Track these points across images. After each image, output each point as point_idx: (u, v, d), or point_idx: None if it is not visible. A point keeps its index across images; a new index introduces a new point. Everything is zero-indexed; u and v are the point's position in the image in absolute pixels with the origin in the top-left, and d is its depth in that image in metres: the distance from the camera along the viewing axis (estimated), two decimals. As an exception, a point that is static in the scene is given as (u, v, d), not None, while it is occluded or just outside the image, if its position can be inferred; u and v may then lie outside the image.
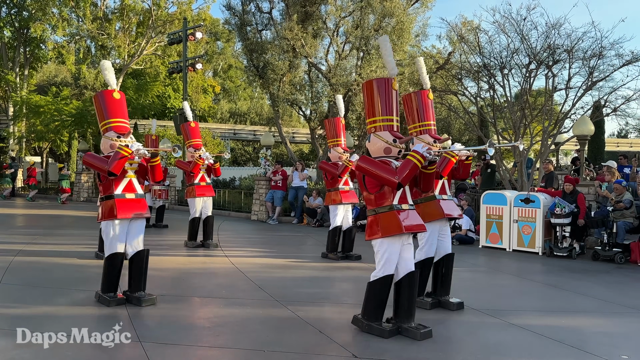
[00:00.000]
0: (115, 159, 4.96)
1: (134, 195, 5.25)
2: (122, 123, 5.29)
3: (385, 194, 4.25)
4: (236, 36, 20.48)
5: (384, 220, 4.23)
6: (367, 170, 4.25)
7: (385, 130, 4.32)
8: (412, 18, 16.28)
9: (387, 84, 4.33)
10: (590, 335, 4.60)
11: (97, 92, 5.52)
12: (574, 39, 10.81)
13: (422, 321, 4.55)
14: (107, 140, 5.22)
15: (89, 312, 4.92)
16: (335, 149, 7.91)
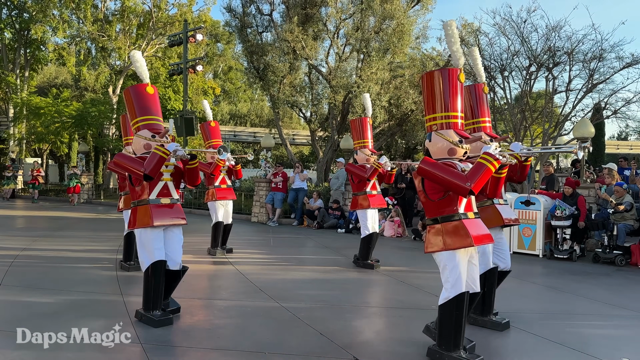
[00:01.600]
0: (152, 160, 4.44)
1: (169, 200, 4.75)
2: (157, 121, 4.82)
3: (449, 201, 3.73)
4: (236, 38, 20.52)
5: (449, 231, 3.70)
6: (431, 175, 3.68)
7: (448, 128, 3.81)
8: (412, 20, 16.31)
9: (452, 76, 3.82)
10: (591, 338, 4.59)
11: (129, 86, 5.16)
12: (574, 42, 10.85)
13: (422, 322, 4.53)
14: (140, 140, 4.73)
15: (89, 312, 4.92)
16: (363, 150, 7.53)
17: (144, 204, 4.61)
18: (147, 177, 4.49)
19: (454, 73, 3.82)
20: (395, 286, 6.66)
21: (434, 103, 3.85)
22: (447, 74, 3.82)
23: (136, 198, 4.69)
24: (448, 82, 3.81)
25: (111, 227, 12.82)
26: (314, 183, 16.47)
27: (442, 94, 3.81)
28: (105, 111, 23.65)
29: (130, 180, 4.71)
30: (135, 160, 4.56)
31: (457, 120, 3.84)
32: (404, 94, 16.21)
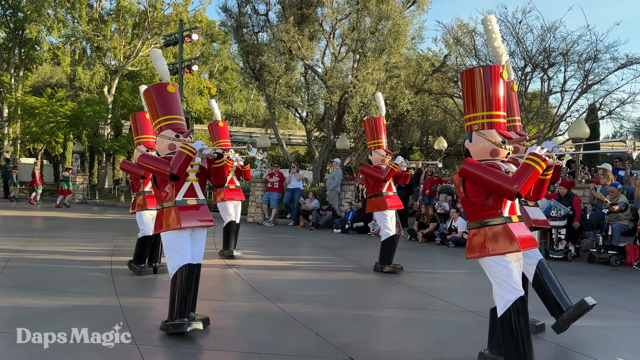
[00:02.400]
0: (179, 160, 4.28)
1: (196, 201, 4.57)
2: (180, 121, 4.66)
3: (493, 204, 3.54)
4: (232, 38, 20.53)
5: (494, 236, 3.51)
6: (475, 176, 3.50)
7: (491, 128, 3.62)
8: (408, 21, 16.34)
9: (495, 73, 3.62)
10: (587, 338, 4.61)
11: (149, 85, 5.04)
12: (569, 42, 10.91)
13: (417, 322, 4.54)
14: (164, 140, 4.56)
15: (84, 314, 4.90)
16: (378, 151, 7.31)
17: (171, 206, 4.44)
18: (173, 177, 4.32)
19: (496, 70, 3.63)
20: (391, 286, 6.67)
21: (474, 101, 3.67)
22: (489, 71, 3.64)
23: (162, 200, 4.52)
24: (490, 80, 3.62)
25: (106, 227, 12.78)
26: (310, 183, 16.48)
27: (483, 92, 3.63)
28: (100, 111, 23.57)
29: (155, 181, 4.56)
30: (161, 160, 4.41)
31: (500, 120, 3.66)
32: (400, 95, 16.24)
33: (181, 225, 4.35)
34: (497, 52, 3.72)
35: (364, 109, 15.69)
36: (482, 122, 3.65)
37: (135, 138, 6.80)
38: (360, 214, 12.41)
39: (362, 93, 15.19)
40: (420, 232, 10.96)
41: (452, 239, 10.29)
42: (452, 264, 8.54)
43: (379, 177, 7.24)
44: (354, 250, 9.66)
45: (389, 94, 16.16)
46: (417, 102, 17.51)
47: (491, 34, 3.72)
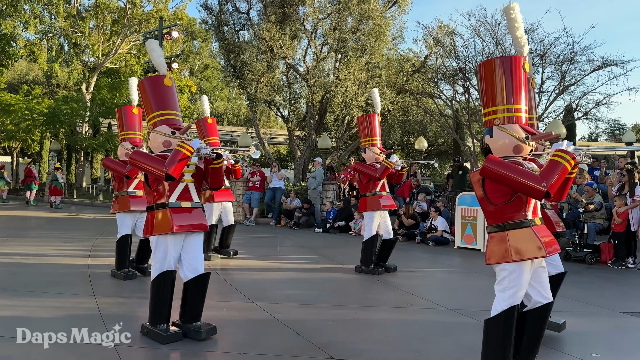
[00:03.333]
0: (175, 159, 3.98)
1: (190, 204, 4.28)
2: (176, 116, 4.38)
3: (517, 205, 3.29)
4: (213, 36, 20.36)
5: (517, 240, 3.27)
6: (499, 175, 3.22)
7: (512, 122, 3.37)
8: (389, 21, 16.42)
9: (516, 64, 3.39)
10: (563, 335, 4.69)
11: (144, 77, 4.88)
12: (546, 44, 11.09)
13: (397, 320, 4.58)
14: (158, 137, 4.28)
15: (61, 314, 4.82)
16: (372, 149, 7.10)
17: (163, 208, 4.16)
18: (168, 178, 4.02)
19: (517, 61, 3.40)
20: (371, 285, 6.70)
21: (494, 94, 3.42)
22: (509, 62, 3.39)
23: (153, 201, 4.23)
24: (511, 71, 3.38)
25: (84, 227, 12.59)
26: (291, 182, 16.46)
27: (504, 85, 3.39)
28: (78, 109, 23.19)
29: (147, 181, 4.26)
30: (155, 158, 4.10)
31: (522, 114, 3.41)
32: (381, 95, 16.30)
33: (174, 229, 4.08)
34: (519, 42, 3.48)
35: (346, 108, 15.73)
36: (502, 116, 3.39)
37: (120, 134, 6.51)
38: (341, 213, 12.44)
39: (344, 92, 15.22)
40: (401, 231, 11.04)
41: (432, 237, 10.38)
42: (432, 263, 8.62)
43: (373, 176, 7.03)
44: (335, 250, 9.68)
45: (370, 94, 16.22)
46: (398, 102, 17.61)
47: (513, 23, 3.47)
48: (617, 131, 41.66)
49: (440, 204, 11.30)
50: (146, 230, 4.28)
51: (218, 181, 4.45)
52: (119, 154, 6.56)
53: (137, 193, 6.45)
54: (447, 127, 14.17)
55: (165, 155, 4.13)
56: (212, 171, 4.38)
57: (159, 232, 4.16)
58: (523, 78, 3.41)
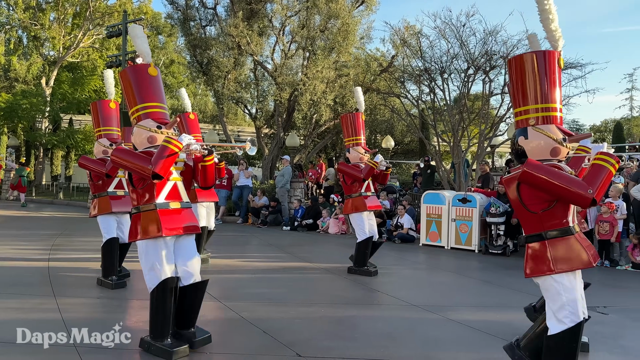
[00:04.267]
0: (161, 156, 3.68)
1: (179, 204, 3.98)
2: (162, 109, 4.05)
3: (557, 213, 3.04)
4: (179, 31, 20.05)
5: (561, 250, 3.02)
6: (541, 181, 2.96)
7: (548, 122, 3.12)
8: (357, 20, 16.52)
9: (551, 60, 3.13)
10: (523, 329, 4.81)
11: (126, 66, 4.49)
12: (509, 46, 11.36)
13: (364, 317, 4.63)
14: (142, 132, 3.93)
15: (25, 315, 4.67)
16: (356, 148, 6.93)
17: (150, 210, 3.82)
18: (155, 176, 3.71)
19: (552, 56, 3.14)
20: (339, 283, 6.75)
21: (526, 92, 3.16)
22: (544, 57, 3.14)
23: (139, 203, 3.89)
24: (546, 67, 3.12)
25: (43, 225, 12.22)
26: (259, 180, 16.38)
27: (538, 82, 3.13)
28: (37, 104, 22.46)
29: (131, 180, 3.89)
30: (140, 156, 3.77)
31: (557, 114, 3.15)
32: (349, 93, 16.41)
33: (163, 233, 3.76)
34: (553, 36, 3.19)
35: (314, 106, 15.75)
36: (537, 116, 3.13)
37: (96, 130, 6.07)
38: (309, 211, 12.47)
39: (312, 91, 15.24)
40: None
41: (398, 235, 10.53)
42: (398, 260, 8.74)
43: (358, 177, 6.85)
44: (302, 248, 9.70)
45: (338, 92, 16.30)
46: (366, 101, 17.67)
47: (547, 15, 3.17)
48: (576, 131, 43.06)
49: (405, 202, 11.47)
50: (132, 234, 3.91)
51: (209, 179, 4.13)
52: (95, 152, 6.12)
53: (118, 193, 6.08)
54: (414, 127, 14.38)
55: (150, 152, 3.83)
56: (203, 169, 4.07)
57: (147, 236, 3.80)
58: (558, 74, 3.17)
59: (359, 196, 6.93)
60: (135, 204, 3.94)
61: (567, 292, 3.03)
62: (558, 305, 3.06)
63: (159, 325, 3.87)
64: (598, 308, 5.60)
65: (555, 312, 3.08)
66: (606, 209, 8.31)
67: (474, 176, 12.73)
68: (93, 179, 6.04)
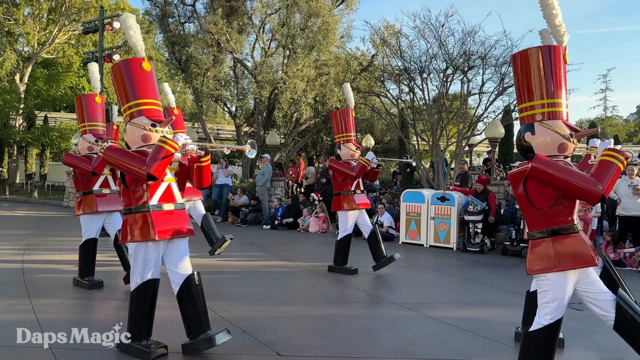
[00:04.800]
0: (156, 156, 3.55)
1: (173, 206, 3.86)
2: (156, 106, 3.90)
3: (563, 209, 3.03)
4: (157, 28, 19.81)
5: (565, 247, 3.02)
6: (550, 177, 2.96)
7: (554, 118, 3.11)
8: (337, 19, 16.54)
9: (556, 55, 3.13)
10: (500, 326, 4.91)
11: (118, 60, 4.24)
12: (487, 47, 11.48)
13: (344, 316, 4.65)
14: (135, 130, 3.79)
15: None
16: (347, 145, 6.85)
17: (143, 211, 3.71)
18: (150, 178, 3.58)
19: (558, 51, 3.13)
20: (318, 281, 6.75)
21: (531, 88, 3.16)
22: (549, 52, 3.13)
23: (131, 204, 3.77)
24: (551, 62, 3.12)
25: (18, 225, 11.96)
26: (239, 179, 16.29)
27: (543, 77, 3.12)
28: (10, 100, 21.97)
29: (123, 180, 3.76)
30: (134, 156, 3.64)
31: (563, 109, 3.15)
32: (329, 92, 16.43)
33: (157, 236, 3.66)
34: (558, 31, 3.17)
35: (294, 105, 15.73)
36: (542, 111, 3.12)
37: (81, 125, 5.87)
38: (289, 210, 12.45)
39: (292, 89, 15.21)
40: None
41: (378, 233, 10.58)
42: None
43: (349, 174, 6.79)
44: (283, 246, 9.68)
45: (319, 91, 16.30)
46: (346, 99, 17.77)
47: (550, 10, 3.13)
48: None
49: (385, 200, 11.54)
50: (124, 236, 3.80)
51: (205, 180, 3.99)
52: (79, 148, 5.91)
53: (104, 192, 5.91)
54: (393, 126, 14.46)
55: (144, 152, 3.70)
56: (199, 170, 3.93)
57: (139, 239, 3.72)
58: (564, 70, 3.16)
59: (348, 194, 6.90)
60: (127, 205, 3.81)
61: (561, 289, 3.05)
62: (547, 299, 3.08)
63: (137, 325, 3.83)
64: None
65: (542, 306, 3.11)
66: (580, 207, 8.47)
67: (452, 175, 12.85)
68: (77, 176, 5.86)
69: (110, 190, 5.99)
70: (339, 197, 6.97)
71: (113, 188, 6.00)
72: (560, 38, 3.17)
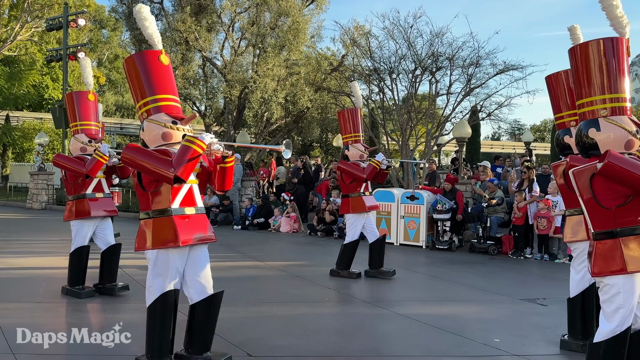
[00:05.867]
0: (184, 158, 3.24)
1: (194, 210, 3.52)
2: (175, 102, 3.60)
3: (632, 209, 2.84)
4: (124, 25, 19.45)
5: (635, 249, 2.82)
6: (625, 174, 2.77)
7: (620, 113, 2.96)
8: (307, 19, 16.57)
9: (620, 47, 2.98)
10: (468, 322, 5.01)
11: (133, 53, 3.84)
12: (454, 48, 11.70)
13: (315, 315, 4.66)
14: (154, 127, 3.44)
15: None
16: (355, 145, 6.58)
17: (165, 216, 3.36)
18: (177, 180, 3.27)
19: (621, 43, 2.99)
20: (290, 281, 6.75)
21: (592, 82, 3.01)
22: (612, 44, 2.97)
23: (150, 208, 3.41)
24: (614, 55, 2.96)
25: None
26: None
27: (606, 70, 2.98)
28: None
29: (140, 182, 3.42)
30: (158, 157, 3.29)
31: (627, 104, 3.02)
32: (300, 92, 16.44)
33: (180, 242, 3.33)
34: (620, 22, 3.01)
35: (265, 104, 15.67)
36: (607, 106, 2.98)
37: (72, 124, 5.54)
38: (260, 210, 12.39)
39: (263, 88, 15.16)
40: (320, 227, 11.20)
41: (349, 233, 10.63)
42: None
43: (360, 176, 6.51)
44: (254, 247, 9.63)
45: (290, 91, 16.29)
46: (317, 99, 17.83)
47: (610, 1, 2.99)
48: (517, 131, 44.94)
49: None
50: (141, 243, 3.43)
51: (228, 182, 3.69)
52: (71, 149, 5.55)
53: (97, 196, 5.51)
54: (364, 126, 14.57)
55: (165, 151, 3.36)
56: (222, 171, 3.62)
57: (161, 246, 3.36)
58: (627, 63, 3.02)
59: (357, 196, 6.61)
60: (145, 209, 3.46)
61: (629, 294, 2.85)
62: (615, 306, 2.88)
63: (156, 343, 3.49)
64: (538, 300, 5.87)
65: (610, 314, 2.90)
66: (543, 205, 8.72)
67: (421, 174, 13.04)
68: (69, 179, 5.47)
69: (104, 194, 5.63)
70: (348, 200, 6.68)
71: (106, 192, 5.69)
72: (622, 29, 3.01)
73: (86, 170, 5.29)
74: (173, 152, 3.36)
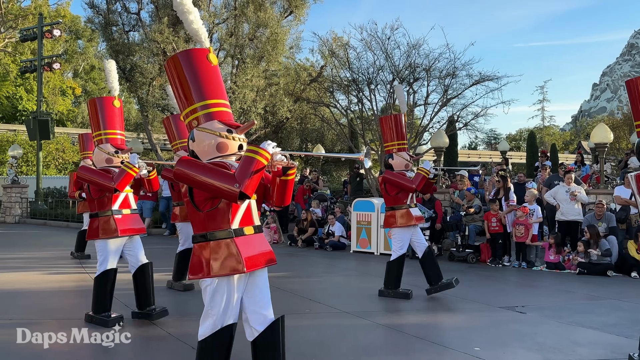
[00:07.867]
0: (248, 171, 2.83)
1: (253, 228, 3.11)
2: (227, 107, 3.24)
3: None
4: (100, 36, 19.24)
5: None
6: None
7: None
8: (285, 30, 16.62)
9: None
10: (448, 331, 5.03)
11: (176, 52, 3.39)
12: (431, 59, 11.88)
13: (296, 327, 4.61)
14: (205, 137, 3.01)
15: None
16: (400, 154, 6.11)
17: (225, 238, 2.92)
18: (243, 196, 2.84)
19: None
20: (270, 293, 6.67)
21: None
22: None
23: (207, 229, 2.95)
24: None
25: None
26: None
27: None
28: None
29: (192, 198, 2.95)
30: (218, 171, 2.84)
31: None
32: (280, 102, 16.43)
33: (245, 268, 2.91)
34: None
35: (244, 115, 15.63)
36: None
37: (96, 134, 5.04)
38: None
39: (242, 99, 15.12)
40: (300, 238, 11.15)
41: (330, 242, 10.61)
42: (329, 267, 8.80)
43: (409, 187, 6.03)
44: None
45: (269, 101, 16.28)
46: (296, 110, 17.85)
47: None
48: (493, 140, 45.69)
49: (338, 209, 11.61)
50: (196, 270, 2.96)
51: (288, 197, 3.23)
52: (95, 161, 5.07)
53: (124, 212, 5.03)
54: (343, 136, 14.64)
55: (222, 164, 2.93)
56: (282, 185, 3.16)
57: (222, 273, 2.91)
58: None
59: (404, 208, 6.13)
60: (200, 231, 2.98)
61: None
62: None
63: None
64: (517, 307, 5.91)
65: None
66: (521, 213, 8.84)
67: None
68: (93, 194, 4.96)
69: (131, 211, 5.16)
70: (394, 213, 6.17)
71: (133, 207, 5.21)
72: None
73: (115, 184, 4.77)
74: (231, 165, 2.97)
